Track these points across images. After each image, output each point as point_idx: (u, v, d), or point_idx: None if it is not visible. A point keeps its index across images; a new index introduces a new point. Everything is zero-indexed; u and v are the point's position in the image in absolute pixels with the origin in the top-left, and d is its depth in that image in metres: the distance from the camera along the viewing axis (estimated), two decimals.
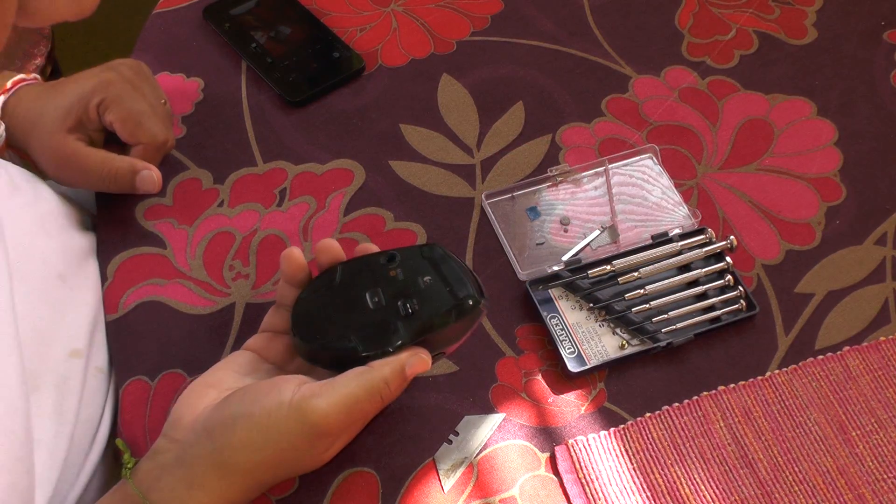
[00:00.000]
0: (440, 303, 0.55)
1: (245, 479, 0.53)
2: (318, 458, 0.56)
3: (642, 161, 0.75)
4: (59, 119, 0.69)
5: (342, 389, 0.53)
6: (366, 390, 0.53)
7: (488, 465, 0.60)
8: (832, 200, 0.73)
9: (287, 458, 0.54)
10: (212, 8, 0.86)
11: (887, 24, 0.86)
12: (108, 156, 0.70)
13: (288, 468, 0.55)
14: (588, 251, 0.70)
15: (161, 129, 0.71)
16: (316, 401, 0.52)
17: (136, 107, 0.70)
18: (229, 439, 0.52)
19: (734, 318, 0.66)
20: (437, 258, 0.57)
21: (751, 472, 0.59)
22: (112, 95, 0.69)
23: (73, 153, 0.69)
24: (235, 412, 0.53)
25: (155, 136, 0.70)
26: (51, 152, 0.69)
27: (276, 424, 0.52)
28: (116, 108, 0.69)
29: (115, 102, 0.69)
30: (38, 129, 0.70)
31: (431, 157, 0.76)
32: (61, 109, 0.69)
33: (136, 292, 0.68)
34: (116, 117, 0.69)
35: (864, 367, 0.64)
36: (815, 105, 0.79)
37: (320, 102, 0.80)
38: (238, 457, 0.52)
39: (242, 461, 0.53)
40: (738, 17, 0.86)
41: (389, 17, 0.87)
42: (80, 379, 0.62)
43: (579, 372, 0.63)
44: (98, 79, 0.70)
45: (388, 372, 0.54)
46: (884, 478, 0.59)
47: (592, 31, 0.85)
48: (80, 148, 0.69)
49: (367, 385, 0.53)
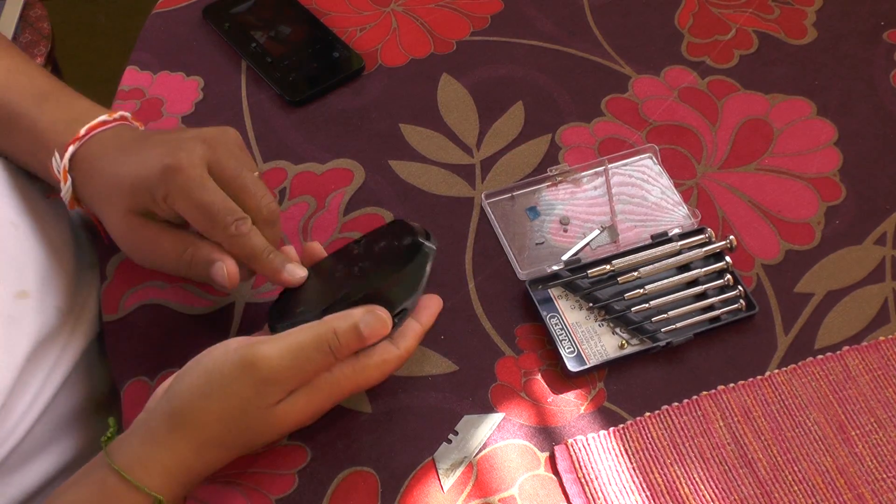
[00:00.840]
0: (387, 254, 0.58)
1: (196, 433, 0.53)
2: (269, 419, 0.54)
3: (642, 161, 0.75)
4: (126, 200, 0.60)
5: (289, 338, 0.54)
6: (313, 339, 0.54)
7: (488, 464, 0.60)
8: (832, 200, 0.74)
9: (234, 410, 0.53)
10: (212, 7, 0.86)
11: (887, 24, 0.86)
12: (187, 239, 0.61)
13: (239, 427, 0.54)
14: (588, 251, 0.70)
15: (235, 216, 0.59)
16: (261, 346, 0.53)
17: (205, 198, 0.58)
18: (178, 388, 0.54)
19: (734, 317, 0.66)
20: (397, 227, 0.61)
21: (750, 472, 0.59)
22: (177, 187, 0.58)
23: (149, 239, 0.61)
24: (188, 366, 0.55)
25: (228, 230, 0.59)
26: (125, 235, 0.62)
27: (222, 368, 0.53)
28: (183, 202, 0.58)
29: (182, 195, 0.58)
30: (108, 207, 0.62)
31: (431, 157, 0.76)
32: (125, 190, 0.60)
33: (137, 294, 0.68)
34: (184, 213, 0.59)
35: (863, 366, 0.64)
36: (814, 105, 0.79)
37: (320, 102, 0.80)
38: (186, 405, 0.53)
39: (190, 409, 0.53)
40: (738, 17, 0.86)
41: (389, 16, 0.87)
42: (31, 318, 0.62)
43: (579, 371, 0.63)
44: (163, 164, 0.58)
45: (338, 323, 0.54)
46: (883, 477, 0.59)
47: (592, 31, 0.85)
48: (156, 233, 0.61)
49: (315, 334, 0.54)
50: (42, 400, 0.63)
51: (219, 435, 0.54)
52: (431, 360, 0.65)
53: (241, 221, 0.59)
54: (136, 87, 0.81)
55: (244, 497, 0.58)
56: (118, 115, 0.65)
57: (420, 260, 0.58)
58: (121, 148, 0.62)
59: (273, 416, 0.54)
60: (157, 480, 0.53)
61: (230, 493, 0.59)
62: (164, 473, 0.54)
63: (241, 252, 0.59)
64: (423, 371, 0.64)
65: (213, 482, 0.59)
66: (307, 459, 0.60)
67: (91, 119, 0.63)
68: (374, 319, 0.55)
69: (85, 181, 0.62)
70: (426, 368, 0.64)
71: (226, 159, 0.60)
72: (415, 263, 0.58)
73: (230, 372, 0.53)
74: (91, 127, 0.63)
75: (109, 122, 0.64)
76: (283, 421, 0.55)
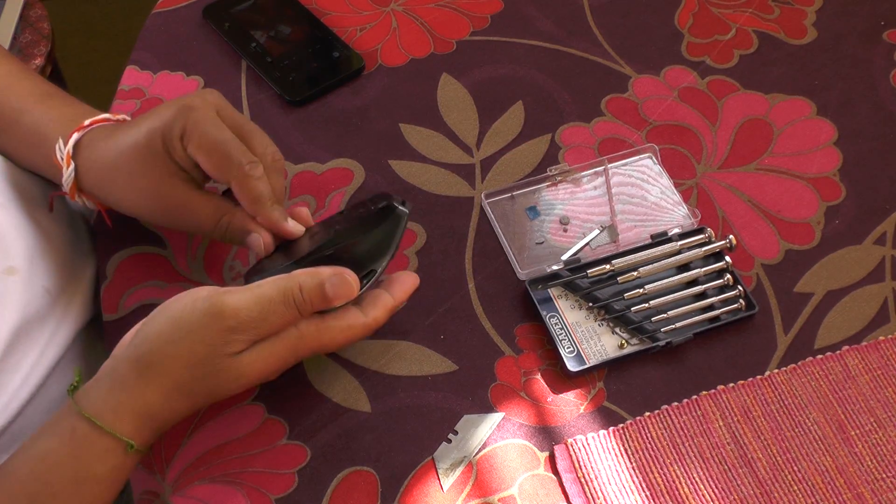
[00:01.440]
0: (363, 218, 0.60)
1: (162, 379, 0.54)
2: (234, 367, 0.55)
3: (642, 161, 0.75)
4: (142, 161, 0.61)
5: (256, 289, 0.55)
6: (279, 291, 0.55)
7: (487, 464, 0.60)
8: (832, 200, 0.74)
9: (200, 356, 0.54)
10: (212, 7, 0.86)
11: (887, 24, 0.86)
12: (223, 206, 0.62)
13: (204, 372, 0.54)
14: (587, 251, 0.70)
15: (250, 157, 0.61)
16: (229, 295, 0.54)
17: (222, 135, 0.60)
18: (146, 333, 0.55)
19: (733, 317, 0.66)
20: (377, 196, 0.62)
21: (750, 472, 0.59)
22: (193, 123, 0.60)
23: (184, 202, 0.62)
24: (155, 312, 0.56)
25: (243, 168, 0.60)
26: (155, 200, 0.62)
27: (189, 315, 0.54)
28: (199, 139, 0.60)
29: (197, 132, 0.60)
30: (125, 176, 0.62)
31: (431, 157, 0.76)
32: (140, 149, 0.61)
33: (137, 294, 0.68)
34: (199, 148, 0.60)
35: (863, 366, 0.64)
36: (814, 105, 0.79)
37: (320, 102, 0.80)
38: (154, 350, 0.54)
39: (158, 354, 0.54)
40: (738, 16, 0.86)
41: (389, 16, 0.87)
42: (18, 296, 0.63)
43: (578, 371, 0.63)
44: (175, 106, 0.60)
45: (304, 279, 0.55)
46: (882, 477, 0.59)
47: (592, 31, 0.85)
48: (191, 197, 0.62)
49: (281, 286, 0.55)
50: (34, 379, 0.64)
51: (185, 381, 0.55)
52: (431, 359, 0.65)
53: (254, 164, 0.60)
54: (136, 87, 0.81)
55: (244, 497, 0.59)
56: (120, 116, 0.67)
57: (392, 223, 0.59)
58: (125, 128, 0.63)
59: (237, 365, 0.55)
60: (128, 426, 0.54)
61: (230, 492, 0.59)
62: (134, 419, 0.54)
63: (249, 195, 0.60)
64: (423, 371, 0.64)
65: (213, 482, 0.59)
66: (307, 459, 0.60)
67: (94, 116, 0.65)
68: (340, 281, 0.56)
69: (90, 165, 0.63)
70: (426, 368, 0.64)
71: (230, 108, 0.63)
72: (386, 225, 0.59)
73: (198, 319, 0.54)
74: (95, 120, 0.65)
75: (112, 120, 0.66)
76: (247, 371, 0.55)
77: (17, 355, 0.63)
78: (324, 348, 0.58)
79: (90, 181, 0.64)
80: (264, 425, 0.62)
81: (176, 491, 0.59)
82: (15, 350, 0.62)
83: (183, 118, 0.60)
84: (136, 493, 0.60)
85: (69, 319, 0.68)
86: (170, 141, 0.60)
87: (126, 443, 0.54)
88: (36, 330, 0.64)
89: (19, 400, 0.63)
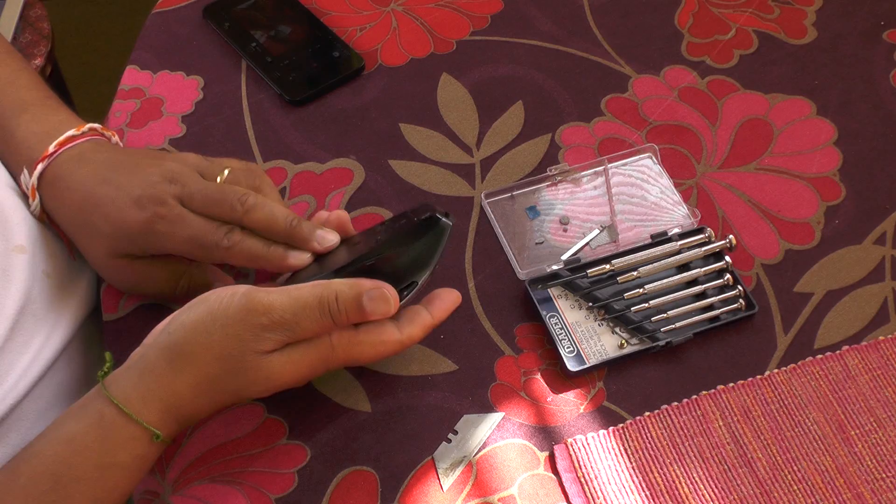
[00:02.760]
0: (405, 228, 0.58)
1: (192, 369, 0.54)
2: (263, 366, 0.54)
3: (642, 160, 0.75)
4: (105, 245, 0.62)
5: (293, 291, 0.55)
6: (315, 297, 0.54)
7: (487, 463, 0.60)
8: (831, 200, 0.74)
9: (232, 349, 0.53)
10: (212, 7, 0.86)
11: (887, 24, 0.86)
12: (178, 269, 0.64)
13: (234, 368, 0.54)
14: (587, 250, 0.70)
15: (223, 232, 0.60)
16: (267, 294, 0.54)
17: (190, 232, 0.60)
18: (182, 320, 0.55)
19: (733, 317, 0.66)
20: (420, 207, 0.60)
21: (749, 472, 0.59)
22: (159, 235, 0.60)
23: (139, 279, 0.64)
24: (192, 303, 0.56)
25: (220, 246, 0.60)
26: (112, 276, 0.65)
27: (225, 309, 0.54)
28: (170, 244, 0.61)
29: (167, 239, 0.60)
30: (85, 242, 0.64)
31: (431, 157, 0.76)
32: (105, 236, 0.62)
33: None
34: (175, 251, 0.61)
35: (862, 366, 0.64)
36: (814, 104, 0.79)
37: (320, 101, 0.80)
38: (188, 338, 0.54)
39: (189, 343, 0.54)
40: (738, 16, 0.86)
41: (389, 16, 0.87)
42: (24, 276, 0.63)
43: (578, 371, 0.63)
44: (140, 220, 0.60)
45: (342, 289, 0.55)
46: (882, 477, 0.59)
47: (592, 31, 0.85)
48: (144, 271, 0.63)
49: (318, 292, 0.54)
50: (42, 360, 0.64)
51: (214, 374, 0.54)
52: (431, 359, 0.65)
53: (229, 234, 0.60)
54: (136, 87, 0.81)
55: (244, 496, 0.59)
56: (87, 128, 0.66)
57: (435, 235, 0.57)
58: (91, 176, 0.63)
59: (267, 364, 0.54)
60: (155, 416, 0.54)
61: (230, 492, 0.59)
62: (162, 409, 0.54)
63: (243, 259, 0.61)
64: (422, 370, 0.64)
65: (213, 482, 0.59)
66: (307, 459, 0.60)
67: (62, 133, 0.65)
68: (378, 296, 0.55)
69: (56, 206, 0.64)
70: (426, 368, 0.64)
71: (193, 185, 0.61)
72: (428, 237, 0.57)
73: (234, 313, 0.54)
74: (60, 143, 0.64)
75: (78, 138, 0.65)
76: (276, 372, 0.55)
77: (25, 335, 0.63)
78: (354, 361, 0.58)
79: (59, 220, 0.65)
80: (264, 425, 0.62)
81: (176, 491, 0.59)
82: (22, 329, 0.63)
83: (148, 234, 0.60)
84: (137, 493, 0.60)
85: (73, 305, 0.68)
86: (136, 245, 0.61)
87: (152, 432, 0.54)
88: (42, 311, 0.65)
89: (30, 377, 0.63)
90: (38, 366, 0.64)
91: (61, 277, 0.68)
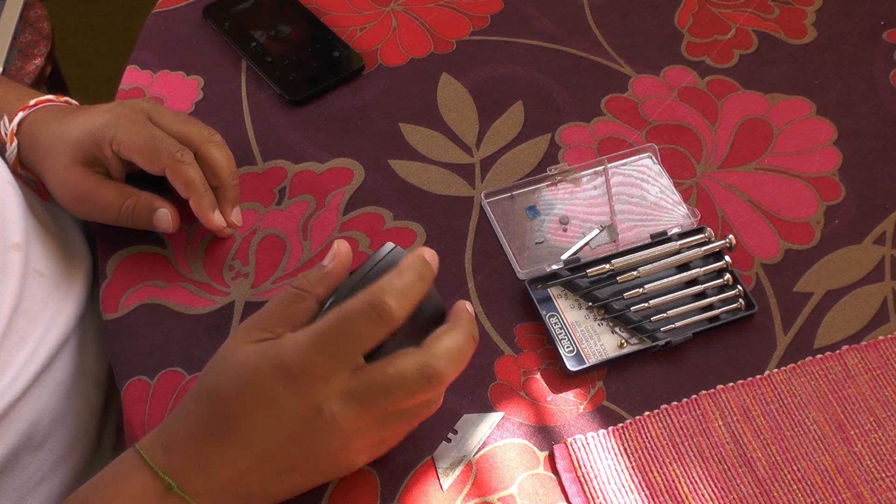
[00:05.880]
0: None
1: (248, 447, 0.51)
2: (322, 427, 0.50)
3: (641, 160, 0.75)
4: (71, 151, 0.66)
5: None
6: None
7: (487, 463, 0.60)
8: (831, 200, 0.74)
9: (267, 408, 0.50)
10: (212, 7, 0.86)
11: (887, 24, 0.86)
12: (127, 190, 0.67)
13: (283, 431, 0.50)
14: (587, 250, 0.70)
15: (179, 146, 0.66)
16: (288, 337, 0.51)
17: (150, 131, 0.66)
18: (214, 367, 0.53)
19: (733, 317, 0.66)
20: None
21: (749, 471, 0.59)
22: (122, 128, 0.65)
23: (90, 189, 0.67)
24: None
25: (173, 155, 0.65)
26: (66, 186, 0.67)
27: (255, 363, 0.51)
28: (128, 138, 0.65)
29: (127, 133, 0.65)
30: (51, 160, 0.67)
31: (431, 157, 0.76)
32: (72, 142, 0.66)
33: (136, 293, 0.68)
34: (131, 149, 0.65)
35: (862, 366, 0.64)
36: (814, 104, 0.80)
37: (320, 101, 0.80)
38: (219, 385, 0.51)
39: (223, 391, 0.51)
40: (738, 16, 0.86)
41: (389, 16, 0.87)
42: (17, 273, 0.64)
43: (578, 371, 0.63)
44: (110, 113, 0.66)
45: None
46: (882, 476, 0.59)
47: (592, 31, 0.85)
48: (97, 183, 0.67)
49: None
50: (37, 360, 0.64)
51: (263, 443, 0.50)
52: None
53: (183, 151, 0.66)
54: (136, 87, 0.81)
55: None
56: (64, 99, 0.71)
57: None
58: (62, 116, 0.69)
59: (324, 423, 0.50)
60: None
61: None
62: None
63: (182, 180, 0.65)
64: None
65: None
66: None
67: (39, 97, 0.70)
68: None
69: (30, 143, 0.68)
70: None
71: (164, 111, 0.68)
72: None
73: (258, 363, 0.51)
74: (40, 101, 0.70)
75: (56, 101, 0.71)
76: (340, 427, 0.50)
77: (20, 334, 0.63)
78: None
79: (30, 159, 0.69)
80: None
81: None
82: (17, 328, 0.63)
83: (114, 126, 0.65)
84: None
85: (68, 305, 0.68)
86: (99, 143, 0.66)
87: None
88: (36, 310, 0.65)
89: (24, 379, 0.63)
90: (34, 365, 0.64)
91: (55, 277, 0.68)
